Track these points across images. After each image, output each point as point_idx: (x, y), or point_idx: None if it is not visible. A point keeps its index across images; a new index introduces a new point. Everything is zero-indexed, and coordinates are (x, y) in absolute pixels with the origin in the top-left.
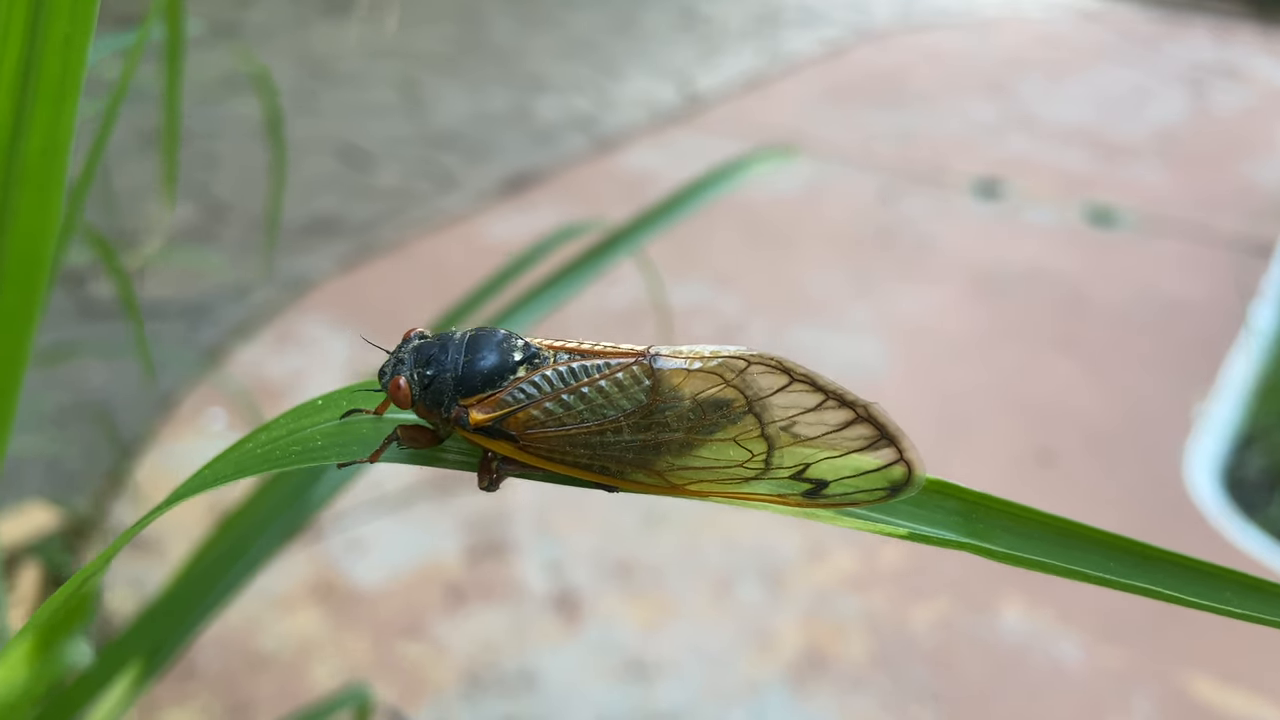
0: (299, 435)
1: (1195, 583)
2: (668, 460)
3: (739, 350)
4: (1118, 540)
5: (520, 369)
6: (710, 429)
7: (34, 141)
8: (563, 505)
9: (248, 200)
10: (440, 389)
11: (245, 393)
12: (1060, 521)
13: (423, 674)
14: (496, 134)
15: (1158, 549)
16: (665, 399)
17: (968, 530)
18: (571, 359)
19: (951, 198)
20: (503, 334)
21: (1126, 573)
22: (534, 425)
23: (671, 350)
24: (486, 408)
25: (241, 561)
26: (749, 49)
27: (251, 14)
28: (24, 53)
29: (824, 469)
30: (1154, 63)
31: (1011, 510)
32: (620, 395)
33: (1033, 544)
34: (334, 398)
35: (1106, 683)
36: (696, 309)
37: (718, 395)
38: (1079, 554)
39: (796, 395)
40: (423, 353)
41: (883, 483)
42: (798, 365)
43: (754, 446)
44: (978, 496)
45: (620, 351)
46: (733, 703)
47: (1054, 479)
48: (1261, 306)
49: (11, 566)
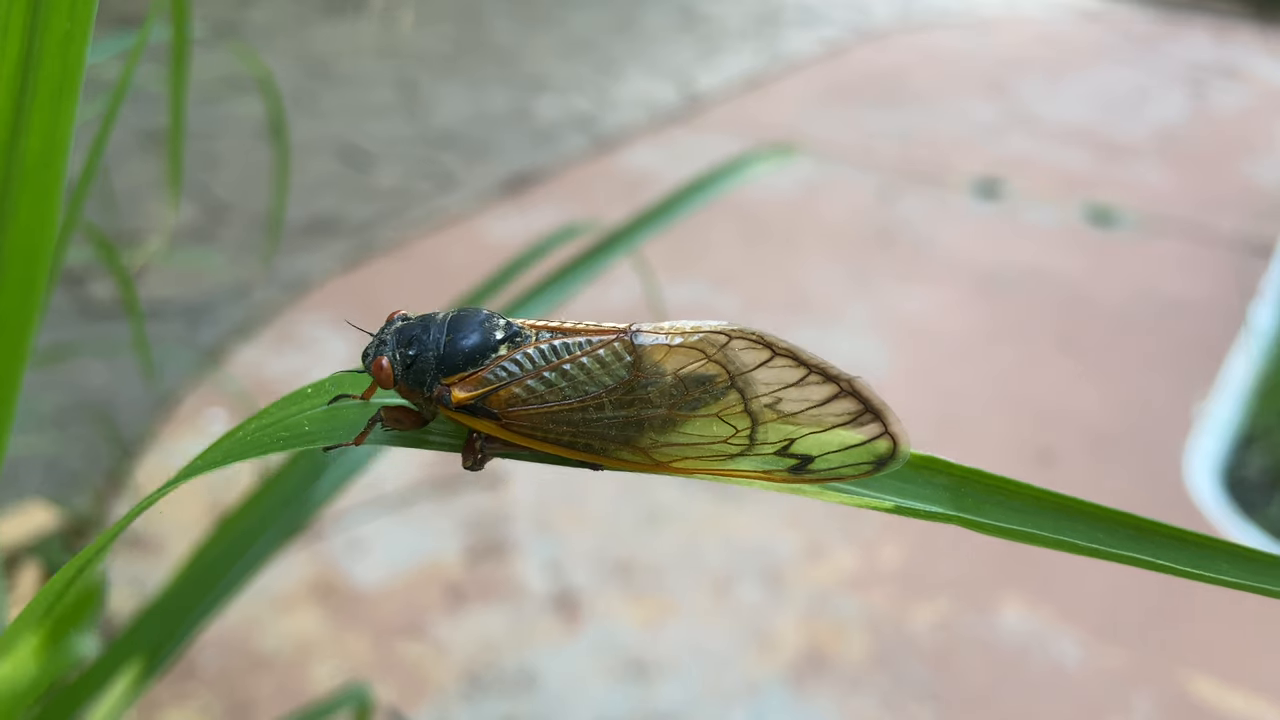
0: (287, 421)
1: (1188, 554)
2: (651, 437)
3: (720, 325)
4: (1109, 513)
5: (502, 347)
6: (693, 405)
7: (33, 140)
8: (562, 505)
9: (248, 200)
10: (422, 368)
11: (245, 393)
12: (1050, 495)
13: (423, 674)
14: (496, 134)
15: (1150, 521)
16: (647, 375)
17: (956, 504)
18: (553, 337)
19: (951, 197)
20: (484, 313)
21: (1118, 544)
22: (516, 403)
23: (653, 326)
24: (468, 386)
25: (242, 561)
26: (749, 49)
27: (252, 14)
28: (23, 50)
29: (809, 444)
30: (1154, 63)
31: (1001, 485)
32: (602, 371)
33: (1022, 517)
34: (323, 385)
35: (1106, 683)
36: (695, 309)
37: (700, 370)
38: (1068, 526)
39: (779, 370)
40: (405, 333)
41: (868, 457)
42: (780, 340)
43: (738, 422)
44: (966, 471)
45: (602, 329)
46: (733, 703)
47: (1054, 478)
48: (1261, 306)
49: (11, 566)
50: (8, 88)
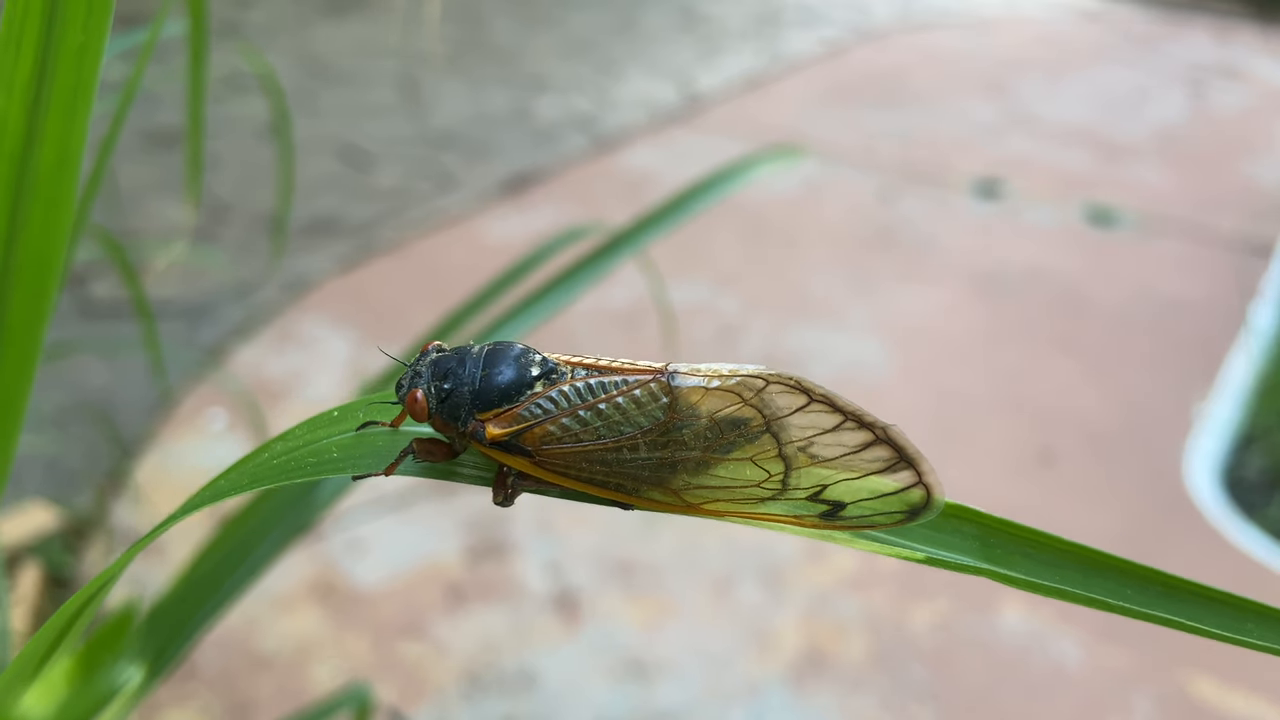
0: (314, 446)
1: (1216, 613)
2: (684, 479)
3: (758, 369)
4: (1138, 569)
5: (537, 384)
6: (727, 448)
7: (47, 151)
8: (563, 506)
9: (248, 200)
10: (457, 402)
11: (245, 393)
12: (1079, 549)
13: (423, 674)
14: (496, 134)
15: (1180, 579)
16: (683, 417)
17: (985, 555)
18: (589, 375)
19: (951, 198)
20: (520, 348)
21: (1148, 602)
22: (550, 441)
23: (690, 368)
24: (503, 422)
25: (245, 564)
26: (749, 49)
27: (252, 14)
28: (38, 62)
29: (841, 490)
30: (1154, 63)
31: (1029, 536)
32: (637, 412)
33: (1050, 570)
34: (350, 409)
35: (1106, 683)
36: (697, 309)
37: (735, 414)
38: (1098, 581)
39: (815, 415)
40: (440, 366)
41: (901, 506)
42: (816, 385)
43: (771, 466)
44: (996, 521)
45: (638, 368)
46: (733, 703)
47: (1054, 479)
48: (1261, 306)
49: (11, 566)
50: (22, 99)
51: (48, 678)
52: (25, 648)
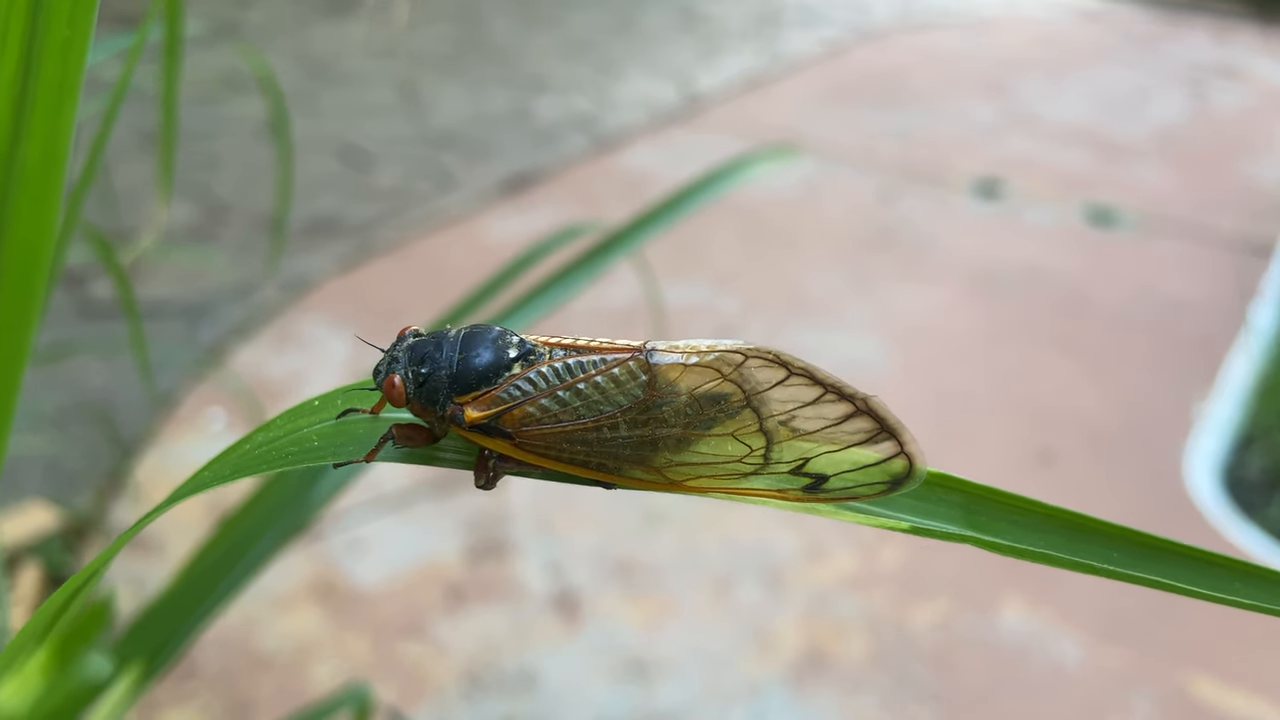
0: (295, 436)
1: (1201, 574)
2: (665, 456)
3: (736, 344)
4: (1122, 531)
5: (515, 366)
6: (708, 424)
7: (33, 146)
8: (562, 505)
9: (248, 200)
10: (435, 387)
11: (245, 393)
12: (1063, 514)
13: (423, 674)
14: (496, 134)
15: (1163, 540)
16: (662, 394)
17: (970, 523)
18: (567, 355)
19: (951, 198)
20: (497, 331)
21: (1131, 564)
22: (530, 422)
23: (668, 345)
24: (482, 405)
25: (243, 562)
26: (749, 49)
27: (251, 14)
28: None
29: (823, 463)
30: (1154, 63)
31: (1014, 503)
32: (616, 391)
33: (1036, 536)
34: (330, 398)
35: (1106, 683)
36: (696, 309)
37: (715, 390)
38: (1082, 546)
39: (795, 389)
40: (417, 350)
41: (883, 476)
42: (795, 358)
43: (752, 441)
44: (980, 489)
45: (616, 347)
46: (733, 703)
47: (1054, 478)
48: (1261, 306)
49: (11, 566)
50: (7, 93)
51: (23, 671)
52: (13, 640)
